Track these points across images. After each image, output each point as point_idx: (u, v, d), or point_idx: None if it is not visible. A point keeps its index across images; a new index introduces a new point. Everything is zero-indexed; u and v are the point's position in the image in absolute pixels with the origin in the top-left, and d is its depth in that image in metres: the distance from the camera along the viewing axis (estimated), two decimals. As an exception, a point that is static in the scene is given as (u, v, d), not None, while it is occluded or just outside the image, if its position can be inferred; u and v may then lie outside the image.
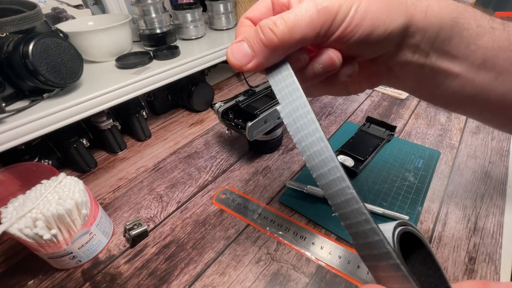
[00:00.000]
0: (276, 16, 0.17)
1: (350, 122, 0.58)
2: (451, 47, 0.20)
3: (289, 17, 0.17)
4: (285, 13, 0.17)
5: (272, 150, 0.51)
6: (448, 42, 0.20)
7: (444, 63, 0.21)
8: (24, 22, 0.36)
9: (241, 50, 0.18)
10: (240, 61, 0.18)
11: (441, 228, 0.36)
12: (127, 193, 0.45)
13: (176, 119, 0.64)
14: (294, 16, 0.17)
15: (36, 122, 0.38)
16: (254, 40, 0.18)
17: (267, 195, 0.43)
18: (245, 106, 0.46)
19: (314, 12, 0.17)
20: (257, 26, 0.18)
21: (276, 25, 0.17)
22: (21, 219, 0.30)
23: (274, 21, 0.17)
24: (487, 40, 0.20)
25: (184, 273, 0.34)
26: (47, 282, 0.34)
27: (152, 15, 0.55)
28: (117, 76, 0.48)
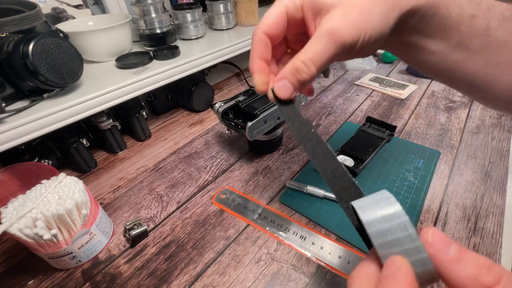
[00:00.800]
0: (306, 58, 0.22)
1: (350, 122, 0.58)
2: (430, 30, 0.24)
3: (317, 60, 0.21)
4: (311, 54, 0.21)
5: (272, 150, 0.51)
6: (428, 26, 0.23)
7: (423, 42, 0.24)
8: (24, 22, 0.36)
9: (285, 87, 0.23)
10: (286, 95, 0.23)
11: (441, 228, 0.36)
12: (127, 193, 0.45)
13: (176, 119, 0.64)
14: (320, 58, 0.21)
15: (36, 122, 0.38)
16: (293, 79, 0.23)
17: (267, 195, 0.43)
18: (245, 106, 0.46)
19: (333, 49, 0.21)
20: (293, 67, 0.22)
21: (308, 68, 0.22)
22: (21, 219, 0.30)
23: (306, 65, 0.22)
24: (464, 27, 0.23)
25: (184, 273, 0.34)
26: (47, 282, 0.34)
27: (152, 15, 0.55)
28: (117, 76, 0.48)
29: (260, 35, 0.24)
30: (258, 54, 0.24)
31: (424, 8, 0.22)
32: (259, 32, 0.24)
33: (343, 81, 0.74)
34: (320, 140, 0.22)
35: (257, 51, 0.24)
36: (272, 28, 0.24)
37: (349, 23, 0.21)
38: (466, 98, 0.62)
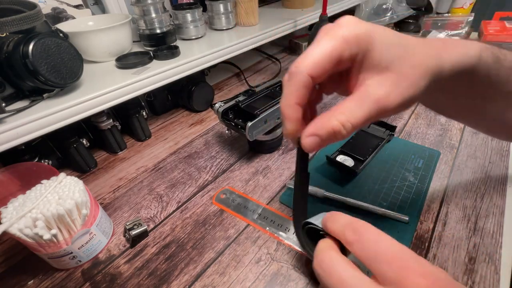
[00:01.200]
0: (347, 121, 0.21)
1: (350, 122, 0.57)
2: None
3: (356, 124, 0.21)
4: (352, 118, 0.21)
5: (272, 150, 0.51)
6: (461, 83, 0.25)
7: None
8: (24, 22, 0.36)
9: (315, 144, 0.22)
10: (313, 150, 0.23)
11: (441, 228, 0.36)
12: (127, 193, 0.45)
13: (176, 119, 0.64)
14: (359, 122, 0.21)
15: (36, 122, 0.38)
16: (326, 139, 0.21)
17: (267, 195, 0.43)
18: (245, 106, 0.46)
19: (374, 116, 0.21)
20: (330, 128, 0.21)
21: (346, 131, 0.21)
22: (21, 219, 0.30)
23: (346, 128, 0.21)
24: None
25: (184, 273, 0.34)
26: (47, 282, 0.34)
27: (152, 15, 0.55)
28: (117, 76, 0.48)
29: (305, 77, 0.21)
30: (298, 99, 0.22)
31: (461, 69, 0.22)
32: (304, 73, 0.21)
33: (343, 81, 0.74)
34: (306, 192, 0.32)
35: (297, 96, 0.21)
36: (320, 70, 0.21)
37: (397, 95, 0.20)
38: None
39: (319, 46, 0.21)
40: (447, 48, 0.22)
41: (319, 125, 0.21)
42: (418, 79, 0.21)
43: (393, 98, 0.20)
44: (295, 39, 0.93)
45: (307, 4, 0.83)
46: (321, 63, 0.20)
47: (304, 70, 0.21)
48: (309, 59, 0.21)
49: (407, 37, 0.22)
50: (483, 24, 0.78)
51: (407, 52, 0.21)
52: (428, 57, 0.21)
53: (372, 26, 0.21)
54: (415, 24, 0.97)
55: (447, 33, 0.85)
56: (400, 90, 0.20)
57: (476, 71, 0.23)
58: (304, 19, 0.75)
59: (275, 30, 0.68)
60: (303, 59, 0.21)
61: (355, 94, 0.21)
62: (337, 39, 0.20)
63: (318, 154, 0.50)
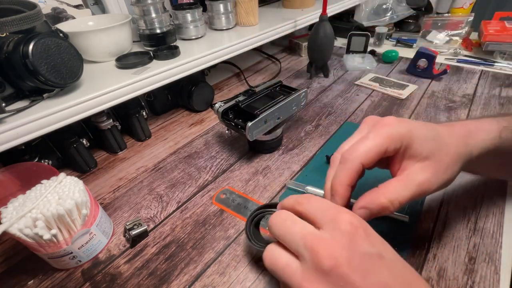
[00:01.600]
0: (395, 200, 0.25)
1: (350, 122, 0.58)
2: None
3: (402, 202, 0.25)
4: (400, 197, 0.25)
5: (272, 150, 0.51)
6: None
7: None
8: (24, 22, 0.36)
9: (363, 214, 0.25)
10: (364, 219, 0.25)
11: (441, 228, 0.36)
12: (127, 193, 0.45)
13: (176, 119, 0.64)
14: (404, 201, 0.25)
15: (36, 122, 0.38)
16: (375, 212, 0.25)
17: (267, 195, 0.43)
18: (245, 106, 0.46)
19: (417, 195, 0.25)
20: (380, 204, 0.25)
21: (393, 207, 0.25)
22: (21, 219, 0.30)
23: (393, 205, 0.25)
24: None
25: (184, 273, 0.34)
26: (47, 282, 0.34)
27: (152, 15, 0.55)
28: (117, 76, 0.48)
29: (357, 165, 0.26)
30: (350, 181, 0.26)
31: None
32: (357, 162, 0.26)
33: (343, 81, 0.74)
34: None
35: (350, 178, 0.26)
36: (370, 160, 0.26)
37: (437, 179, 0.25)
38: (466, 98, 0.62)
39: (369, 140, 0.26)
40: (472, 135, 0.28)
41: (369, 201, 0.25)
42: (453, 165, 0.26)
43: (434, 182, 0.25)
44: (295, 39, 0.93)
45: (307, 4, 0.83)
46: (371, 155, 0.26)
47: (357, 159, 0.26)
48: (361, 151, 0.26)
49: (437, 129, 0.27)
50: (483, 24, 0.78)
51: (442, 144, 0.26)
52: (458, 146, 0.27)
53: (411, 124, 0.27)
54: (415, 24, 0.97)
55: (447, 32, 0.85)
56: (439, 175, 0.25)
57: (499, 148, 0.29)
58: (304, 19, 0.75)
59: (275, 30, 0.68)
60: (355, 150, 0.26)
61: (400, 177, 0.26)
62: (383, 137, 0.26)
63: (318, 154, 0.50)
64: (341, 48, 0.92)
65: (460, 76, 0.71)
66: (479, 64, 0.75)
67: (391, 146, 0.26)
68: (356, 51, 0.83)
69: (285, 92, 0.50)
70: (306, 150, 0.51)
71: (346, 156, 0.27)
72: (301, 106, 0.50)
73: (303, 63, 0.86)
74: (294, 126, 0.58)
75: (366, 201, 0.26)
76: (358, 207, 0.26)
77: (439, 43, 0.84)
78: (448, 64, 0.76)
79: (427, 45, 0.84)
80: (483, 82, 0.68)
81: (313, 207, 0.25)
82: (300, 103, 0.50)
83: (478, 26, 0.83)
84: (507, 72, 0.70)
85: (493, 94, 0.62)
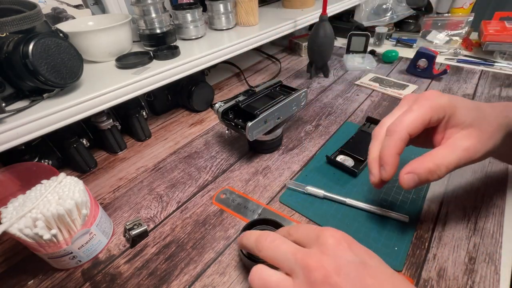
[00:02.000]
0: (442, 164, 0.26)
1: (350, 122, 0.58)
2: None
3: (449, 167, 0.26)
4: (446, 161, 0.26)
5: (272, 150, 0.51)
6: None
7: None
8: (24, 22, 0.36)
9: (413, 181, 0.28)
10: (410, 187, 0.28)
11: (441, 228, 0.36)
12: (127, 193, 0.45)
13: (176, 119, 0.64)
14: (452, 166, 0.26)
15: (36, 122, 0.38)
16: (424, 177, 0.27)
17: (267, 195, 0.43)
18: (245, 106, 0.46)
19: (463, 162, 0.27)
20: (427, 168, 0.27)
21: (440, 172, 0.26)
22: (21, 219, 0.30)
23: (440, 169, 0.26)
24: None
25: (184, 273, 0.34)
26: (47, 282, 0.34)
27: (152, 15, 0.55)
28: (117, 76, 0.48)
29: (405, 135, 0.28)
30: (399, 150, 0.28)
31: None
32: (404, 132, 0.28)
33: (343, 81, 0.74)
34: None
35: (398, 148, 0.28)
36: (415, 130, 0.27)
37: (482, 145, 0.27)
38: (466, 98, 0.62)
39: (413, 112, 0.28)
40: (510, 109, 0.30)
41: (416, 165, 0.27)
42: (496, 134, 0.28)
43: (479, 148, 0.27)
44: (295, 39, 0.93)
45: (307, 4, 0.83)
46: (416, 124, 0.27)
47: (404, 129, 0.28)
48: (407, 121, 0.28)
49: (479, 103, 0.29)
50: (483, 24, 0.78)
51: (483, 113, 0.28)
52: (498, 117, 0.28)
53: (452, 97, 0.28)
54: (415, 24, 0.97)
55: (447, 32, 0.85)
56: (483, 141, 0.27)
57: None
58: (304, 19, 0.75)
59: (275, 30, 0.68)
60: (402, 121, 0.28)
61: (446, 144, 0.28)
62: (427, 108, 0.28)
63: (318, 154, 0.50)
64: (341, 48, 0.92)
65: (460, 76, 0.71)
66: (479, 64, 0.75)
67: (435, 116, 0.27)
68: (356, 51, 0.83)
69: (285, 92, 0.50)
70: (306, 150, 0.51)
71: (392, 128, 0.28)
72: (301, 106, 0.50)
73: (303, 63, 0.86)
74: (294, 126, 0.58)
75: (413, 166, 0.27)
76: (405, 172, 0.27)
77: (439, 43, 0.84)
78: (448, 64, 0.76)
79: (427, 45, 0.84)
80: (483, 82, 0.68)
81: (302, 233, 0.26)
82: (300, 103, 0.50)
83: (478, 26, 0.83)
84: (507, 72, 0.70)
85: (493, 94, 0.62)
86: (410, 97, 0.31)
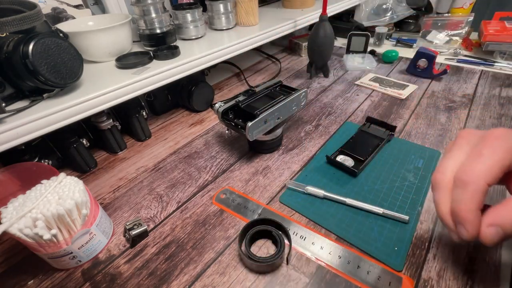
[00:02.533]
0: None
1: (350, 122, 0.58)
2: None
3: None
4: None
5: (272, 150, 0.51)
6: None
7: None
8: (24, 22, 0.36)
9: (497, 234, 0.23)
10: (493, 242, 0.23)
11: (441, 228, 0.36)
12: (127, 193, 0.45)
13: (176, 119, 0.64)
14: None
15: (36, 122, 0.38)
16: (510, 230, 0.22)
17: (267, 195, 0.43)
18: (245, 106, 0.46)
19: None
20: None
21: None
22: (21, 219, 0.30)
23: None
24: None
25: (184, 273, 0.34)
26: (47, 282, 0.34)
27: (152, 15, 0.55)
28: (117, 76, 0.48)
29: (483, 186, 0.23)
30: (479, 205, 0.23)
31: None
32: (483, 182, 0.23)
33: (343, 81, 0.74)
34: None
35: (479, 202, 0.23)
36: (495, 179, 0.23)
37: None
38: (466, 98, 0.62)
39: (486, 157, 0.24)
40: None
41: (500, 215, 0.23)
42: None
43: None
44: (295, 39, 0.93)
45: (307, 4, 0.83)
46: (495, 172, 0.23)
47: (482, 179, 0.23)
48: (482, 169, 0.23)
49: None
50: (483, 24, 0.78)
51: None
52: None
53: None
54: (415, 24, 0.97)
55: (447, 32, 0.85)
56: None
57: None
58: (304, 19, 0.75)
59: (275, 30, 0.68)
60: (474, 169, 0.24)
61: None
62: (503, 151, 0.23)
63: (318, 154, 0.50)
64: (341, 48, 0.92)
65: (460, 76, 0.71)
66: (479, 64, 0.75)
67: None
68: (356, 51, 0.83)
69: (285, 92, 0.50)
70: (306, 150, 0.51)
71: (465, 178, 0.24)
72: (301, 106, 0.50)
73: (303, 63, 0.86)
74: (294, 126, 0.58)
75: (496, 217, 0.23)
76: (487, 224, 0.23)
77: (439, 43, 0.84)
78: (448, 64, 0.76)
79: (427, 45, 0.84)
80: (483, 82, 0.68)
81: None
82: (300, 103, 0.50)
83: (478, 26, 0.83)
84: (507, 72, 0.70)
85: (493, 94, 0.62)
86: (471, 136, 0.27)
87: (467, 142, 0.26)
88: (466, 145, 0.26)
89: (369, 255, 0.34)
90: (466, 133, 0.27)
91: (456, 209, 0.24)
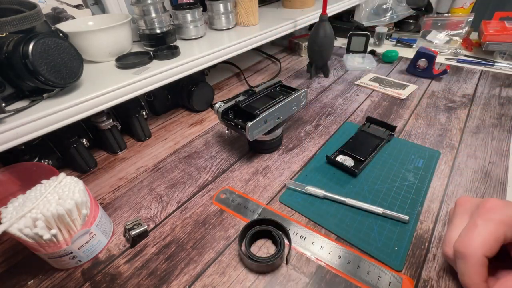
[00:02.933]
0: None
1: (350, 122, 0.58)
2: None
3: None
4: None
5: (272, 150, 0.51)
6: None
7: None
8: (24, 22, 0.36)
9: None
10: None
11: (441, 228, 0.36)
12: (127, 193, 0.45)
13: (176, 119, 0.64)
14: None
15: (36, 122, 0.38)
16: None
17: (267, 195, 0.43)
18: (245, 106, 0.46)
19: None
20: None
21: None
22: (21, 219, 0.30)
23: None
24: None
25: (184, 273, 0.34)
26: (47, 282, 0.34)
27: (152, 15, 0.55)
28: (117, 76, 0.48)
29: (481, 259, 0.24)
30: (483, 278, 0.24)
31: None
32: (480, 254, 0.24)
33: (343, 81, 0.74)
34: None
35: (482, 275, 0.24)
36: (492, 251, 0.24)
37: None
38: (466, 98, 0.62)
39: (480, 228, 0.25)
40: None
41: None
42: None
43: None
44: (295, 39, 0.93)
45: (307, 4, 0.83)
46: (491, 244, 0.24)
47: (479, 252, 0.24)
48: (478, 242, 0.24)
49: None
50: (483, 24, 0.78)
51: None
52: None
53: None
54: (415, 24, 0.97)
55: (447, 32, 0.85)
56: None
57: None
58: (304, 19, 0.75)
59: (275, 30, 0.68)
60: (471, 241, 0.24)
61: None
62: (496, 223, 0.24)
63: (318, 154, 0.50)
64: (341, 48, 0.92)
65: (460, 76, 0.71)
66: (479, 64, 0.75)
67: (510, 232, 0.24)
68: (356, 51, 0.83)
69: (285, 92, 0.50)
70: (306, 150, 0.51)
71: (463, 250, 0.25)
72: (301, 106, 0.50)
73: (303, 63, 0.86)
74: (294, 126, 0.58)
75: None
76: None
77: (439, 43, 0.84)
78: (448, 64, 0.76)
79: (427, 45, 0.84)
80: (483, 82, 0.68)
81: None
82: (300, 103, 0.50)
83: (478, 26, 0.83)
84: (507, 72, 0.70)
85: (493, 94, 0.62)
86: (468, 204, 0.28)
87: (465, 210, 0.28)
88: (465, 213, 0.28)
89: (369, 255, 0.34)
90: (463, 201, 0.29)
91: (463, 282, 0.25)
